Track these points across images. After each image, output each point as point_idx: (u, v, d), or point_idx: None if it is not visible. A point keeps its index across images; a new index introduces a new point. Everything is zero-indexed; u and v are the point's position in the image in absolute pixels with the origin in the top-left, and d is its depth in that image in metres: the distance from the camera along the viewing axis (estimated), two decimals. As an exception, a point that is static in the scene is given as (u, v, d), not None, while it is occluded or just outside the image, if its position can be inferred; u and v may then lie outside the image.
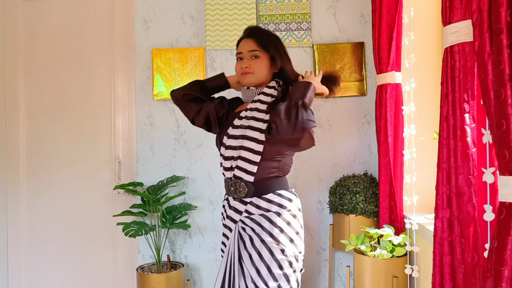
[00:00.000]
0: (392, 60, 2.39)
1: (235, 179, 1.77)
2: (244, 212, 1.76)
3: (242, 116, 1.82)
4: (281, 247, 1.68)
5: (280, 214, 1.73)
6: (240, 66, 1.85)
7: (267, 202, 1.74)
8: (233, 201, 1.80)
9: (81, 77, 2.89)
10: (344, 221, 2.55)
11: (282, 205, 1.75)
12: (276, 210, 1.73)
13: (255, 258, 1.67)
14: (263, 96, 1.82)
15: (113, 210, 2.85)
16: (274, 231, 1.69)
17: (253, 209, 1.75)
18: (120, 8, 2.87)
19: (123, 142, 2.88)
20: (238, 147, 1.76)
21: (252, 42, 1.84)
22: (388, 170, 2.42)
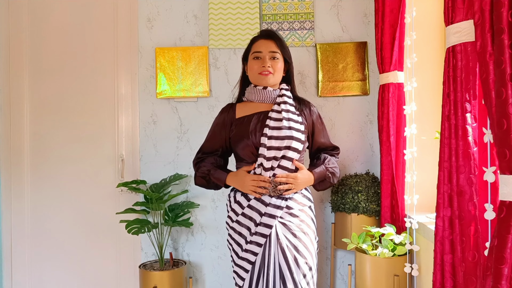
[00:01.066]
0: (395, 60, 2.40)
1: (275, 177, 1.88)
2: (285, 208, 1.88)
3: (275, 118, 1.91)
4: (315, 237, 1.96)
5: (310, 207, 1.99)
6: (259, 65, 1.91)
7: (302, 197, 1.96)
8: (271, 198, 1.88)
9: (85, 75, 2.91)
10: (346, 220, 2.56)
11: (310, 199, 2.02)
12: (309, 204, 1.98)
13: (301, 248, 1.85)
14: (287, 98, 1.97)
15: (116, 208, 2.86)
16: (310, 222, 1.94)
17: (294, 204, 1.91)
18: (124, 7, 2.89)
19: (126, 140, 2.89)
20: (283, 147, 1.87)
21: (273, 43, 1.96)
22: (390, 170, 2.42)
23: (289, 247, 1.83)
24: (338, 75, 2.78)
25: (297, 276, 1.80)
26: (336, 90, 2.78)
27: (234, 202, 1.98)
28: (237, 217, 1.94)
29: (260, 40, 1.98)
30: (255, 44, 1.98)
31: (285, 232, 1.86)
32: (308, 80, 2.82)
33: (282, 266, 1.81)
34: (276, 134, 1.87)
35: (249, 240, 1.88)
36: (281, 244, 1.83)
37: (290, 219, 1.88)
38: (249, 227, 1.90)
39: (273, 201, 1.88)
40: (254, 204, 1.90)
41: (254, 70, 1.94)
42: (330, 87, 2.78)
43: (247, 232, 1.90)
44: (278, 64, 1.96)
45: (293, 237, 1.86)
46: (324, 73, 2.78)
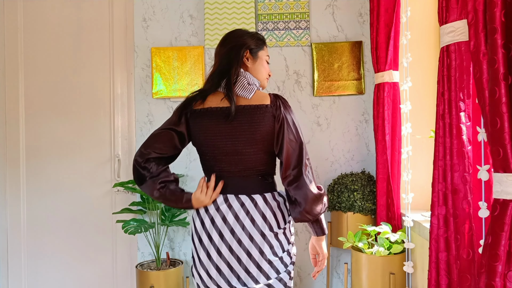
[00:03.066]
0: (390, 59, 2.41)
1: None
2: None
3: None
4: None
5: (279, 233, 1.71)
6: (267, 69, 1.78)
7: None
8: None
9: (81, 75, 2.90)
10: (342, 219, 2.58)
11: (279, 223, 1.73)
12: (276, 230, 1.68)
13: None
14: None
15: (112, 208, 2.87)
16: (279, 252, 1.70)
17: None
18: (120, 7, 2.89)
19: (122, 140, 2.89)
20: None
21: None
22: (386, 168, 2.44)
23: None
24: (334, 74, 2.79)
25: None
26: (332, 90, 2.79)
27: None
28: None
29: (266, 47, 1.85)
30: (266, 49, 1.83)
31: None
32: (303, 79, 2.83)
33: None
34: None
35: None
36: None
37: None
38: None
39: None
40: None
41: (264, 72, 1.76)
42: (325, 87, 2.79)
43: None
44: None
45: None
46: (320, 72, 2.79)
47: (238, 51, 1.71)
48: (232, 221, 1.56)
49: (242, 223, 1.56)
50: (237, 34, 1.78)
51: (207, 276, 1.57)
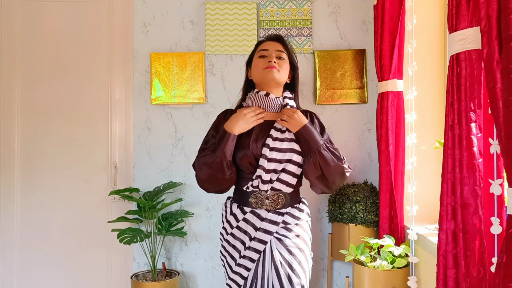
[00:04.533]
0: (394, 68, 2.36)
1: (273, 191, 1.79)
2: (281, 223, 1.79)
3: (279, 129, 1.80)
4: (311, 252, 1.86)
5: (308, 222, 1.89)
6: (264, 61, 1.80)
7: (299, 211, 1.85)
8: (268, 213, 1.79)
9: (79, 80, 2.85)
10: (343, 231, 2.51)
11: (308, 213, 1.92)
12: (306, 219, 1.88)
13: (296, 266, 1.76)
14: (289, 107, 1.85)
15: (108, 216, 2.79)
16: (306, 238, 1.84)
17: (290, 219, 1.81)
18: (119, 11, 2.84)
19: (119, 147, 2.83)
20: (284, 160, 1.77)
21: (280, 45, 1.87)
22: (389, 179, 2.38)
23: (283, 264, 1.74)
24: (336, 82, 2.74)
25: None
26: (334, 98, 2.74)
27: (230, 214, 1.88)
28: (231, 229, 1.85)
29: (267, 42, 1.89)
30: (262, 45, 1.89)
31: (279, 248, 1.76)
32: (305, 87, 2.77)
33: (275, 284, 1.72)
34: (279, 146, 1.77)
35: (242, 254, 1.79)
36: (275, 261, 1.74)
37: (285, 233, 1.79)
38: (244, 241, 1.81)
39: (269, 216, 1.78)
40: (250, 218, 1.81)
41: (259, 66, 1.82)
42: (328, 95, 2.74)
43: (242, 246, 1.81)
44: (284, 64, 1.84)
45: (288, 253, 1.76)
46: (322, 80, 2.74)
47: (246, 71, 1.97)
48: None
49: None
50: None
51: None
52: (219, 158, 1.73)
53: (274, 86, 1.83)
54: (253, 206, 1.80)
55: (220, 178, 1.77)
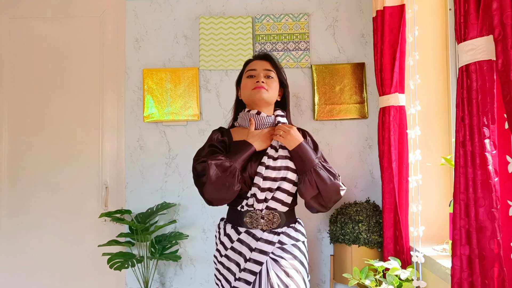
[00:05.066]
0: (396, 81, 2.27)
1: (269, 210, 1.75)
2: (277, 243, 1.73)
3: (274, 146, 1.77)
4: (307, 275, 1.80)
5: (304, 243, 1.83)
6: (252, 82, 1.81)
7: (295, 231, 1.80)
8: (264, 232, 1.74)
9: (69, 98, 2.75)
10: (345, 252, 2.39)
11: (304, 233, 1.85)
12: (302, 239, 1.82)
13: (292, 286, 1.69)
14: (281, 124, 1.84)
15: (99, 239, 2.66)
16: (303, 259, 1.78)
17: (286, 239, 1.75)
18: (111, 27, 2.76)
19: (111, 167, 2.72)
20: (279, 178, 1.74)
21: (268, 63, 1.86)
22: (393, 198, 2.26)
23: (280, 287, 1.66)
24: (335, 97, 2.65)
25: None
26: (333, 113, 2.65)
27: (223, 235, 1.82)
28: (226, 251, 1.78)
29: (255, 61, 1.90)
30: (249, 65, 1.90)
31: (276, 270, 1.70)
32: (303, 103, 2.68)
33: None
34: (272, 164, 1.74)
35: (238, 277, 1.71)
36: (271, 283, 1.66)
37: (281, 254, 1.73)
38: (239, 262, 1.73)
39: (265, 235, 1.73)
40: (245, 238, 1.74)
41: (248, 87, 1.82)
42: (326, 110, 2.65)
43: (236, 268, 1.73)
44: (273, 83, 1.84)
45: (285, 275, 1.69)
46: (321, 95, 2.65)
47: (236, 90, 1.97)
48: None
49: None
50: None
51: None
52: (234, 167, 1.67)
53: (263, 105, 1.83)
54: (248, 226, 1.75)
55: (227, 187, 1.66)
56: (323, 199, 1.73)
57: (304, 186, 1.70)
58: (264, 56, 1.90)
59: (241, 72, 1.94)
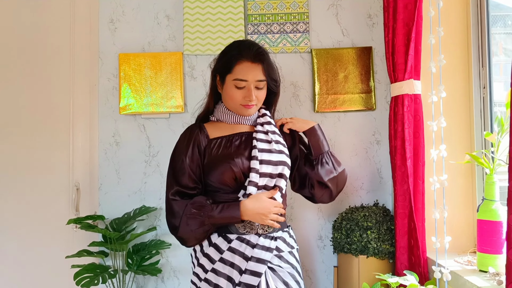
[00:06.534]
0: (410, 66, 1.96)
1: None
2: (275, 250, 1.58)
3: (262, 139, 1.64)
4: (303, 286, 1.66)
5: (297, 251, 1.71)
6: (242, 95, 1.61)
7: (289, 237, 1.68)
8: (260, 238, 1.56)
9: (33, 86, 2.40)
10: (352, 263, 2.07)
11: (295, 239, 1.73)
12: (296, 246, 1.70)
13: None
14: (269, 118, 1.74)
15: (69, 249, 2.31)
16: (299, 270, 1.65)
17: (283, 245, 1.62)
18: (83, 6, 2.41)
19: (82, 165, 2.38)
20: (275, 175, 1.61)
21: (260, 69, 1.62)
22: (407, 201, 1.96)
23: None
24: (338, 86, 2.33)
25: None
26: (336, 105, 2.33)
27: (208, 246, 1.58)
28: (212, 265, 1.54)
29: (245, 63, 1.60)
30: (239, 68, 1.60)
31: (276, 282, 1.52)
32: (302, 92, 2.36)
33: None
34: (267, 158, 1.60)
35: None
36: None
37: (280, 263, 1.57)
38: (231, 277, 1.49)
39: (261, 241, 1.53)
40: (237, 246, 1.52)
41: (236, 100, 1.63)
42: (328, 101, 2.33)
43: (228, 283, 1.49)
44: (262, 93, 1.66)
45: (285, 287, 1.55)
46: (322, 84, 2.33)
47: (212, 79, 1.72)
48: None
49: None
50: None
51: None
52: (209, 226, 1.56)
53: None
54: (240, 231, 1.56)
55: (197, 239, 1.59)
56: (337, 183, 1.74)
57: (323, 167, 1.69)
58: (255, 58, 1.60)
59: (225, 62, 1.64)
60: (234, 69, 1.59)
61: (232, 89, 1.61)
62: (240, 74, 1.59)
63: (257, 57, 1.60)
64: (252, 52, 1.60)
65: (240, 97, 1.61)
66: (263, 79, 1.61)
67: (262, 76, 1.61)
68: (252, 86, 1.60)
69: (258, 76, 1.60)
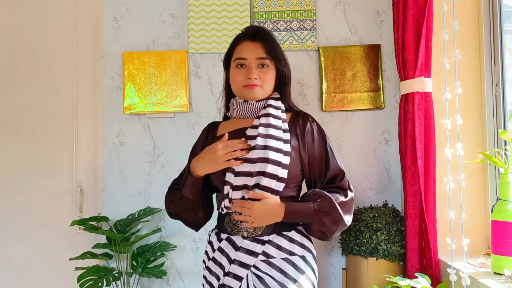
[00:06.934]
0: (421, 63, 1.91)
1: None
2: (261, 255, 1.41)
3: (252, 135, 1.46)
4: None
5: (304, 258, 1.46)
6: (243, 75, 1.50)
7: (289, 241, 1.45)
8: (244, 240, 1.43)
9: (38, 86, 2.37)
10: (361, 266, 2.02)
11: (305, 246, 1.49)
12: (301, 253, 1.46)
13: None
14: (273, 110, 1.52)
15: (73, 251, 2.28)
16: (302, 280, 1.41)
17: (274, 250, 1.42)
18: (86, 5, 2.38)
19: (86, 166, 2.34)
20: (255, 173, 1.40)
21: (260, 47, 1.51)
22: (418, 202, 1.91)
23: None
24: (346, 85, 2.28)
25: None
26: (344, 103, 2.28)
27: (207, 243, 1.56)
28: (208, 262, 1.52)
29: (244, 43, 1.52)
30: (238, 47, 1.53)
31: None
32: (309, 91, 2.32)
33: None
34: (248, 156, 1.41)
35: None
36: None
37: (268, 271, 1.40)
38: (219, 276, 1.46)
39: (245, 244, 1.42)
40: (225, 247, 1.46)
41: (238, 81, 1.52)
42: (336, 100, 2.28)
43: (217, 282, 1.46)
44: (268, 74, 1.52)
45: None
46: (329, 82, 2.28)
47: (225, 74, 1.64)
48: None
49: None
50: None
51: None
52: (184, 197, 1.49)
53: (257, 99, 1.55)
54: (228, 231, 1.47)
55: (188, 218, 1.55)
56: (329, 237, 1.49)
57: (312, 232, 1.48)
58: (255, 36, 1.52)
59: (229, 50, 1.57)
60: (235, 50, 1.54)
61: (234, 70, 1.53)
62: (239, 53, 1.52)
63: (256, 35, 1.52)
64: (251, 31, 1.54)
65: (241, 77, 1.51)
66: (264, 56, 1.50)
67: (263, 54, 1.50)
68: (254, 65, 1.50)
69: (258, 53, 1.50)
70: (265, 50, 1.50)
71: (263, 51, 1.50)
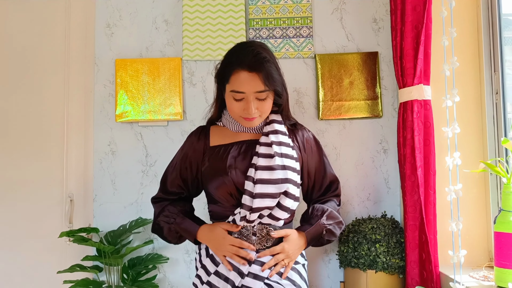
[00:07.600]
0: (420, 71, 1.88)
1: (261, 225, 1.49)
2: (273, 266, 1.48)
3: (264, 153, 1.48)
4: None
5: (304, 266, 1.59)
6: (240, 108, 1.46)
7: None
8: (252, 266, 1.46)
9: (27, 93, 2.31)
10: (359, 279, 1.96)
11: (303, 254, 1.62)
12: (302, 261, 1.58)
13: None
14: (278, 125, 1.55)
15: (61, 264, 2.20)
16: (303, 286, 1.53)
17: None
18: (78, 11, 2.33)
19: (77, 175, 2.28)
20: (277, 195, 1.45)
21: (259, 79, 1.42)
22: (417, 212, 1.86)
23: None
24: (343, 93, 2.24)
25: None
26: (341, 112, 2.24)
27: (205, 256, 1.54)
28: (208, 277, 1.49)
29: (241, 73, 1.42)
30: (235, 78, 1.43)
31: None
32: (306, 99, 2.27)
33: None
34: (267, 177, 1.44)
35: None
36: None
37: (278, 280, 1.46)
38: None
39: (253, 269, 1.44)
40: (225, 272, 1.45)
41: (235, 112, 1.49)
42: (333, 108, 2.24)
43: None
44: (267, 104, 1.49)
45: None
46: (326, 90, 2.24)
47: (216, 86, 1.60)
48: None
49: None
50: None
51: None
52: (178, 234, 1.62)
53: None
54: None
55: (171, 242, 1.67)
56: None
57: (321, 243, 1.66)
58: (252, 67, 1.41)
59: (223, 70, 1.49)
60: (231, 79, 1.44)
61: (230, 100, 1.46)
62: (235, 85, 1.43)
63: (254, 65, 1.41)
64: (248, 59, 1.42)
65: (239, 110, 1.46)
66: (263, 89, 1.43)
67: (262, 87, 1.42)
68: (252, 98, 1.43)
69: (257, 87, 1.42)
70: (264, 83, 1.42)
71: (262, 84, 1.42)
